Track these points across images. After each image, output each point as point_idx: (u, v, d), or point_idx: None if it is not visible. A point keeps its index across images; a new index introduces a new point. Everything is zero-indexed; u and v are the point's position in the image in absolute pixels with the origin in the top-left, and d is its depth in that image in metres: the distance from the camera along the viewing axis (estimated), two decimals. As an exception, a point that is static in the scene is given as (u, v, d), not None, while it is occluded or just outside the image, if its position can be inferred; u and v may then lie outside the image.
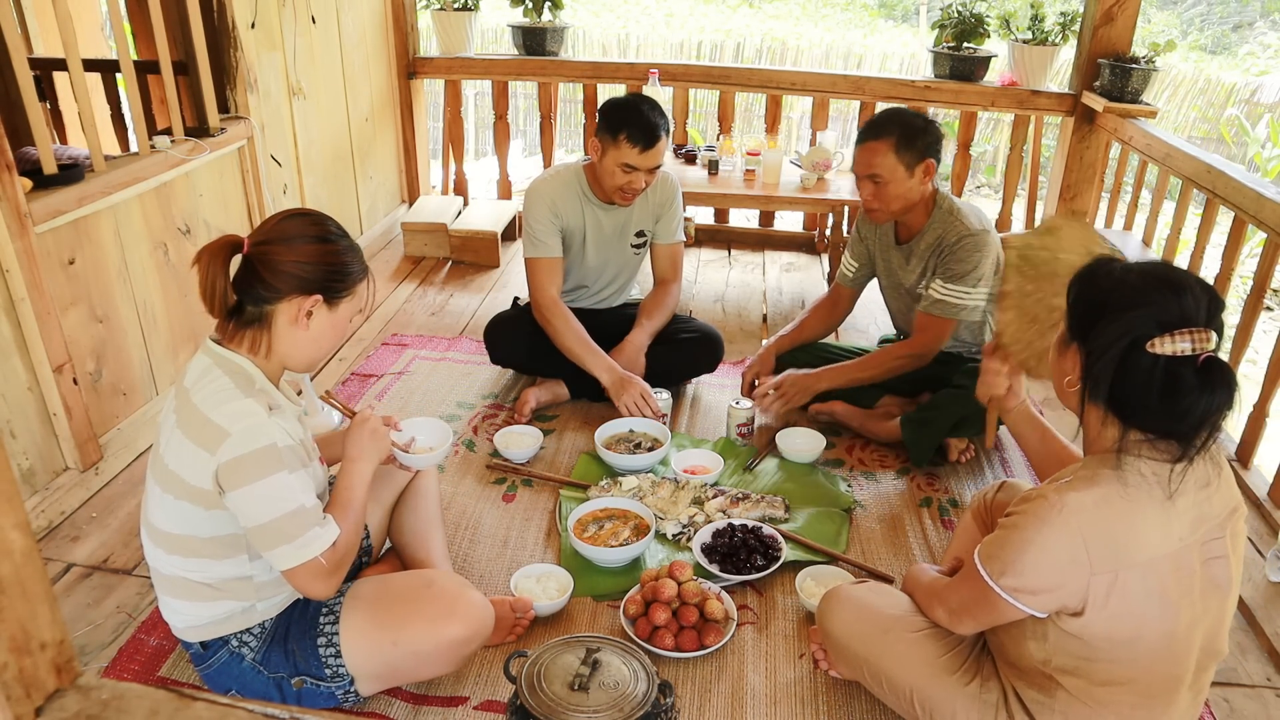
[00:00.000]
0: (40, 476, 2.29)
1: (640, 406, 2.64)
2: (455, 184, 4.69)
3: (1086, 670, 1.40)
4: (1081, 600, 1.34)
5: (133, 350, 2.58)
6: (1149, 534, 1.32)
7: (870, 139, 2.44)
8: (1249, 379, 3.06)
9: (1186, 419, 1.29)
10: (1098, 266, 1.41)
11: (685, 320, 3.00)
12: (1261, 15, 12.66)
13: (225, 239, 1.53)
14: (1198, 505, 1.34)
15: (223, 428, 1.46)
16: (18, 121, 2.83)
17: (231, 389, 1.50)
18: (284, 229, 1.56)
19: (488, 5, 4.78)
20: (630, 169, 2.59)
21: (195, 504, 1.51)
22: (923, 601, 1.65)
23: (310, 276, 1.54)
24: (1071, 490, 1.34)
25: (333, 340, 1.63)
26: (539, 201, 2.73)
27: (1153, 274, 1.33)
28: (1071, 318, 1.42)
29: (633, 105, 2.60)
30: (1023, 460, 2.68)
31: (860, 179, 2.50)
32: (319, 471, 1.67)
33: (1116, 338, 1.29)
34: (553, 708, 1.50)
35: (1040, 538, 1.33)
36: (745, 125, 8.06)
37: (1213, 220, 3.06)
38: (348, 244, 1.61)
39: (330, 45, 3.68)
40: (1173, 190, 4.92)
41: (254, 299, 1.54)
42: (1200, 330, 1.26)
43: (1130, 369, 1.29)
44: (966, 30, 4.06)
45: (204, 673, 1.68)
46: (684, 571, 1.96)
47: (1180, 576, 1.34)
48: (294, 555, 1.50)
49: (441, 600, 1.66)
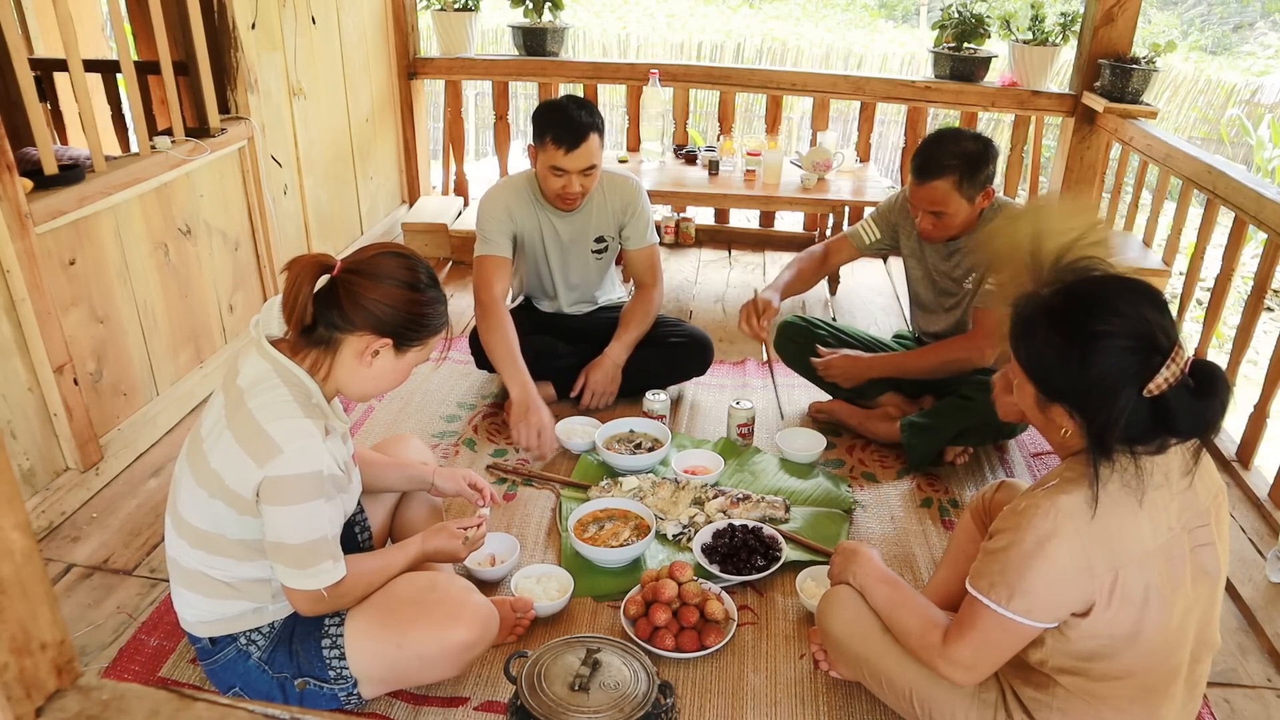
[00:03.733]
0: (40, 477, 2.29)
1: (529, 439, 2.49)
2: (455, 184, 4.69)
3: (1085, 669, 1.40)
4: (1087, 602, 1.33)
5: (133, 350, 2.58)
6: (1141, 527, 1.32)
7: (932, 178, 2.36)
8: (1249, 379, 3.05)
9: (1198, 429, 1.29)
10: (1041, 313, 1.33)
11: (675, 324, 2.96)
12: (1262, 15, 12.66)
13: (319, 257, 1.53)
14: (1182, 493, 1.34)
15: (276, 444, 1.46)
16: (18, 122, 2.83)
17: (290, 403, 1.50)
18: (377, 264, 1.55)
19: (488, 5, 4.77)
20: (560, 171, 2.53)
21: (229, 506, 1.52)
22: (914, 646, 1.53)
23: (388, 319, 1.54)
24: (1061, 494, 1.32)
25: (391, 383, 1.64)
26: (493, 203, 2.70)
27: (1106, 316, 1.27)
28: (1043, 379, 1.35)
29: (559, 105, 2.54)
30: (1023, 460, 2.68)
31: (918, 210, 2.44)
32: (353, 494, 1.69)
33: (1125, 404, 1.26)
34: (553, 708, 1.50)
35: (1041, 551, 1.30)
36: (745, 126, 8.05)
37: (1213, 221, 3.06)
38: (435, 295, 1.61)
39: (330, 45, 3.68)
40: (1173, 191, 4.91)
41: (328, 323, 1.54)
42: (1175, 348, 1.26)
43: (1134, 415, 1.26)
44: (967, 31, 4.06)
45: (208, 668, 1.68)
46: (684, 572, 1.96)
47: (1173, 567, 1.34)
48: (300, 580, 1.54)
49: (447, 604, 1.66)
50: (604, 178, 2.74)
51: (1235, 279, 2.92)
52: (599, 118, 2.56)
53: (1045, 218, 1.55)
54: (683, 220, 4.50)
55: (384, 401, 2.91)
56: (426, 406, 2.89)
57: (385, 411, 2.86)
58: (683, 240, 4.52)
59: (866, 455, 2.69)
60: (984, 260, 2.44)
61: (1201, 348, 2.92)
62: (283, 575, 1.54)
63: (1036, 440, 2.76)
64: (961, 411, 2.48)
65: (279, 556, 1.53)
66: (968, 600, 1.41)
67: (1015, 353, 1.40)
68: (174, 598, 1.67)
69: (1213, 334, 2.95)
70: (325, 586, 1.55)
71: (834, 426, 2.79)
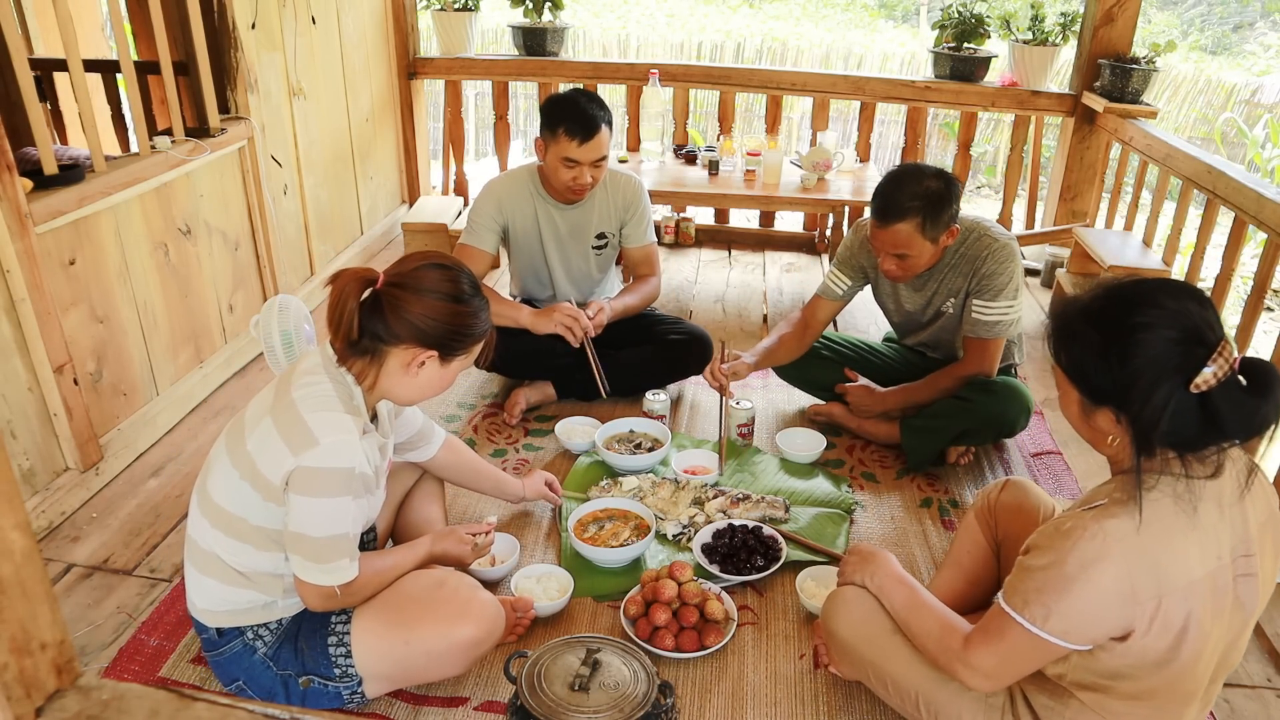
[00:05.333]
0: (40, 477, 2.29)
1: (569, 321, 2.58)
2: (455, 184, 4.70)
3: (1107, 686, 1.36)
4: (1126, 629, 1.28)
5: (133, 350, 2.58)
6: (1190, 554, 1.26)
7: (894, 220, 2.27)
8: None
9: (1250, 430, 1.23)
10: (1080, 316, 1.31)
11: (675, 322, 2.96)
12: (1261, 15, 12.66)
13: (362, 271, 1.55)
14: (1233, 521, 1.29)
15: (314, 434, 1.48)
16: (18, 122, 2.83)
17: (333, 397, 1.53)
18: (420, 278, 1.56)
19: (488, 5, 4.78)
20: (572, 163, 2.57)
21: (256, 490, 1.53)
22: (932, 650, 1.50)
23: (433, 332, 1.55)
24: (1110, 517, 1.26)
25: (438, 390, 1.65)
26: (487, 196, 2.73)
27: (1145, 309, 1.24)
28: (1084, 381, 1.31)
29: (570, 99, 2.58)
30: (1022, 460, 2.68)
31: (881, 252, 2.38)
32: (378, 500, 1.70)
33: (1166, 397, 1.21)
34: (553, 708, 1.50)
35: (1084, 574, 1.25)
36: (745, 125, 8.05)
37: (1213, 221, 3.06)
38: (478, 305, 1.62)
39: (330, 45, 3.68)
40: (1173, 191, 4.91)
41: (373, 335, 1.55)
42: (1223, 344, 1.21)
43: (1180, 413, 1.21)
44: (967, 31, 4.06)
45: (213, 659, 1.68)
46: (684, 572, 1.96)
47: (1216, 597, 1.29)
48: (316, 574, 1.55)
49: (454, 601, 1.66)
50: (607, 175, 2.76)
51: (1235, 279, 2.92)
52: (608, 111, 2.61)
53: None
54: (682, 220, 4.50)
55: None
56: (426, 406, 2.86)
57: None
58: (683, 240, 4.53)
59: (866, 455, 2.69)
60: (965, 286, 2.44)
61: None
62: (299, 568, 1.55)
63: (1036, 440, 2.76)
64: (961, 413, 2.48)
65: (298, 548, 1.53)
66: (999, 612, 1.36)
67: (1056, 359, 1.36)
68: (187, 580, 1.68)
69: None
70: (339, 584, 1.56)
71: (833, 426, 2.79)
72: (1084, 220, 4.12)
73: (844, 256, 2.65)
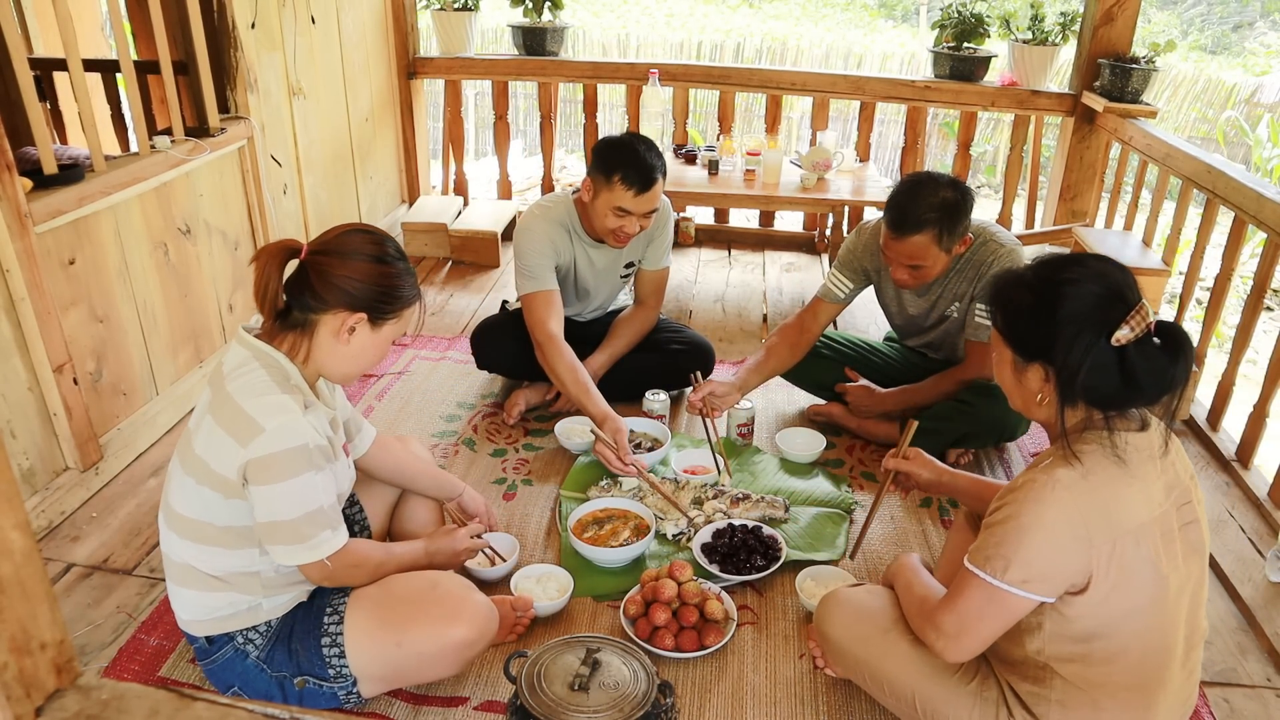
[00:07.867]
0: (40, 476, 2.29)
1: (607, 453, 2.37)
2: (455, 184, 4.69)
3: (1083, 653, 1.40)
4: (1086, 574, 1.35)
5: (133, 350, 2.58)
6: (1134, 499, 1.35)
7: (910, 232, 2.24)
8: (1249, 379, 3.05)
9: (1162, 389, 1.35)
10: (1015, 281, 1.44)
11: (677, 330, 2.95)
12: (1261, 15, 12.66)
13: (285, 243, 1.56)
14: (1165, 471, 1.39)
15: (257, 421, 1.47)
16: (18, 121, 2.83)
17: (268, 381, 1.52)
18: (343, 242, 1.57)
19: (488, 5, 4.77)
20: (623, 213, 2.48)
21: (216, 491, 1.53)
22: (913, 618, 1.57)
23: (359, 294, 1.55)
24: (1059, 467, 1.36)
25: (372, 359, 1.64)
26: (536, 236, 2.59)
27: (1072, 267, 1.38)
28: (1017, 339, 1.43)
29: (628, 145, 2.47)
30: (1022, 462, 2.68)
31: (893, 261, 2.35)
32: (343, 470, 1.69)
33: (1088, 346, 1.32)
34: (553, 708, 1.50)
35: (1039, 520, 1.34)
36: (745, 125, 8.06)
37: (1213, 220, 3.06)
38: (404, 267, 1.62)
39: (330, 45, 3.68)
40: (1173, 190, 4.91)
41: (301, 305, 1.56)
42: (1140, 305, 1.32)
43: (1100, 366, 1.33)
44: (966, 30, 4.06)
45: (207, 668, 1.68)
46: (684, 572, 1.96)
47: (1166, 541, 1.38)
48: (302, 554, 1.55)
49: (447, 602, 1.66)
50: None
51: (1235, 278, 2.92)
52: (664, 160, 2.52)
53: None
54: (683, 220, 4.50)
55: (384, 401, 2.91)
56: (426, 406, 2.89)
57: (385, 411, 2.86)
58: (683, 240, 4.52)
59: (866, 455, 2.69)
60: (969, 291, 2.44)
61: (1201, 347, 2.92)
62: (285, 555, 1.54)
63: (1036, 442, 2.76)
64: (963, 417, 2.48)
65: (276, 537, 1.53)
66: (961, 572, 1.43)
67: (994, 322, 1.47)
68: (170, 597, 1.68)
69: (1212, 334, 2.95)
70: (328, 555, 1.56)
71: (833, 427, 2.79)
72: (1084, 220, 4.12)
73: (846, 259, 2.62)
